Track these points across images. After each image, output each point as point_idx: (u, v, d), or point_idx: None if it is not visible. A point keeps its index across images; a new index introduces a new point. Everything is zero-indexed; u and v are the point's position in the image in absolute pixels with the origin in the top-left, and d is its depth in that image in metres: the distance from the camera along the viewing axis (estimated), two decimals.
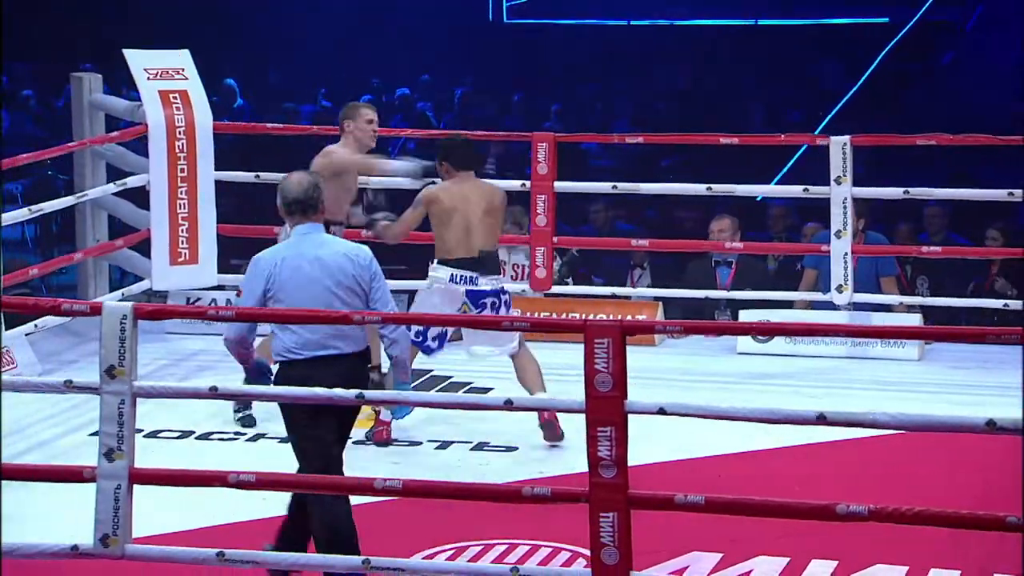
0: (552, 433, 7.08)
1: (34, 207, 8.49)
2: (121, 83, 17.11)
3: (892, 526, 4.91)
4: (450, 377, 8.35)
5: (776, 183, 13.39)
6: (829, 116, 16.57)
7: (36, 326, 8.15)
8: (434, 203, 7.27)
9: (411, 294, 8.17)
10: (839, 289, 8.31)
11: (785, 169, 15.06)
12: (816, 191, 8.54)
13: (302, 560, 5.37)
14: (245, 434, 7.40)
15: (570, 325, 5.64)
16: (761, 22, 20.34)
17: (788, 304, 8.89)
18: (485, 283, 7.23)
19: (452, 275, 7.21)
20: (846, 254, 8.33)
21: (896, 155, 11.76)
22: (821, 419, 4.90)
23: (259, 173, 9.06)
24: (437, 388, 8.17)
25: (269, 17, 18.40)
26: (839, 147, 8.34)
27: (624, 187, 9.10)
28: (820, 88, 17.28)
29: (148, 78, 8.80)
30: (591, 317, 7.46)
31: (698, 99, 16.88)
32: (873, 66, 17.65)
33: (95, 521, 5.32)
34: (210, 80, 10.17)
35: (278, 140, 10.21)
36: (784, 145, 13.77)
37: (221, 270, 9.01)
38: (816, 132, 15.40)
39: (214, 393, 5.36)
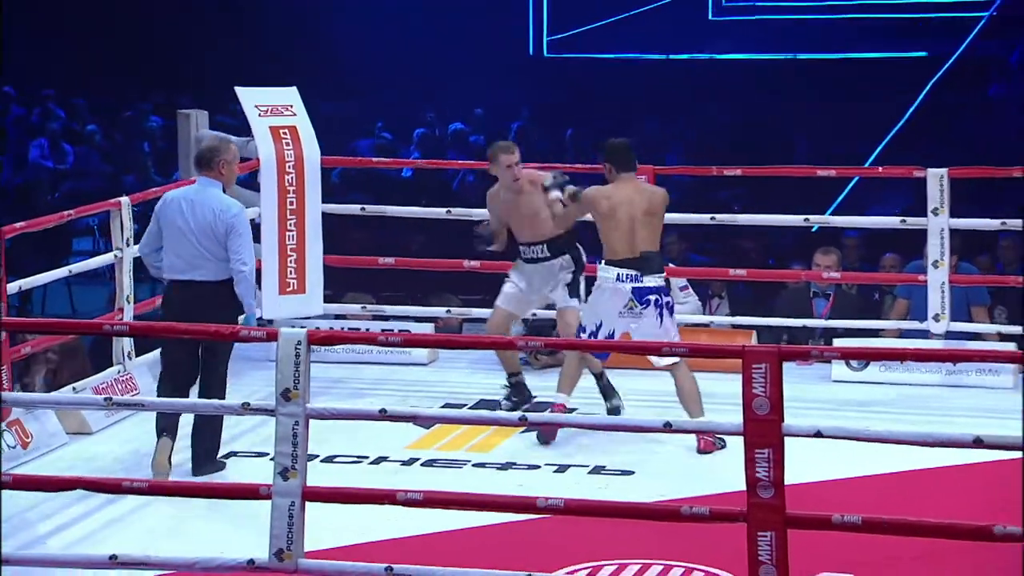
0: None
1: None
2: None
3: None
4: (535, 397, 8.54)
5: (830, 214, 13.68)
6: (880, 147, 16.85)
7: None
8: (594, 204, 7.74)
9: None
10: (936, 318, 8.54)
11: (838, 201, 15.34)
12: (913, 222, 8.75)
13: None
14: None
15: (728, 350, 5.87)
16: (800, 56, 20.66)
17: (877, 333, 9.11)
18: (649, 280, 7.66)
19: (618, 275, 7.65)
20: (943, 284, 8.55)
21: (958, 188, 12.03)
22: (978, 442, 5.13)
23: (364, 206, 9.33)
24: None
25: (317, 48, 18.71)
26: (936, 179, 8.55)
27: (722, 218, 9.35)
28: (861, 121, 17.49)
29: (259, 115, 9.02)
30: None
31: (745, 132, 17.11)
32: (919, 99, 17.93)
33: (270, 536, 5.57)
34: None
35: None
36: (836, 179, 14.07)
37: (331, 300, 9.29)
38: (867, 164, 15.76)
39: (384, 415, 5.61)
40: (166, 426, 7.22)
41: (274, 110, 9.11)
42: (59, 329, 7.64)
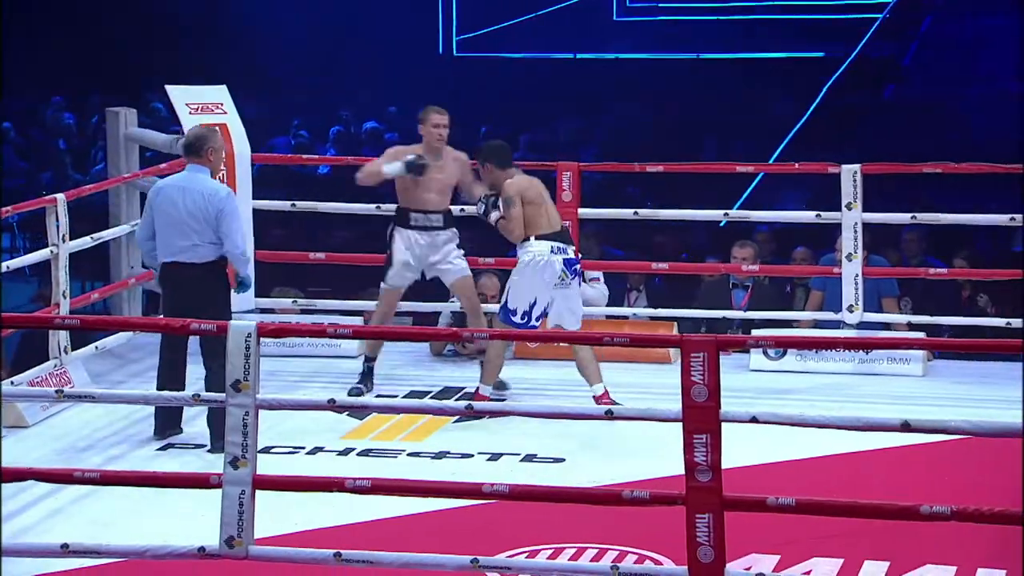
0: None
1: (95, 235, 8.78)
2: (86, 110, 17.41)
3: (940, 527, 5.25)
4: (464, 387, 8.65)
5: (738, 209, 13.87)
6: (781, 146, 17.08)
7: (97, 348, 8.40)
8: (523, 195, 8.21)
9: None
10: (850, 309, 8.70)
11: (744, 196, 15.53)
12: (828, 216, 8.90)
13: (414, 560, 5.65)
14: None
15: (666, 340, 5.98)
16: (703, 56, 20.88)
17: (791, 324, 9.28)
18: (570, 252, 8.18)
19: (552, 247, 8.11)
20: (857, 276, 8.72)
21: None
22: (905, 426, 5.27)
23: (295, 202, 9.36)
24: (455, 397, 8.50)
25: (231, 47, 18.63)
26: (850, 175, 8.72)
27: (645, 213, 9.46)
28: (765, 120, 17.70)
29: (190, 112, 9.05)
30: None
31: (654, 131, 17.24)
32: (818, 100, 18.20)
33: (221, 524, 5.59)
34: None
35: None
36: (741, 175, 14.26)
37: (259, 294, 9.29)
38: (771, 161, 15.96)
39: (332, 405, 5.65)
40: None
41: (204, 108, 9.14)
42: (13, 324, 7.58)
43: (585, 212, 9.21)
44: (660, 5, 23.52)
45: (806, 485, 6.72)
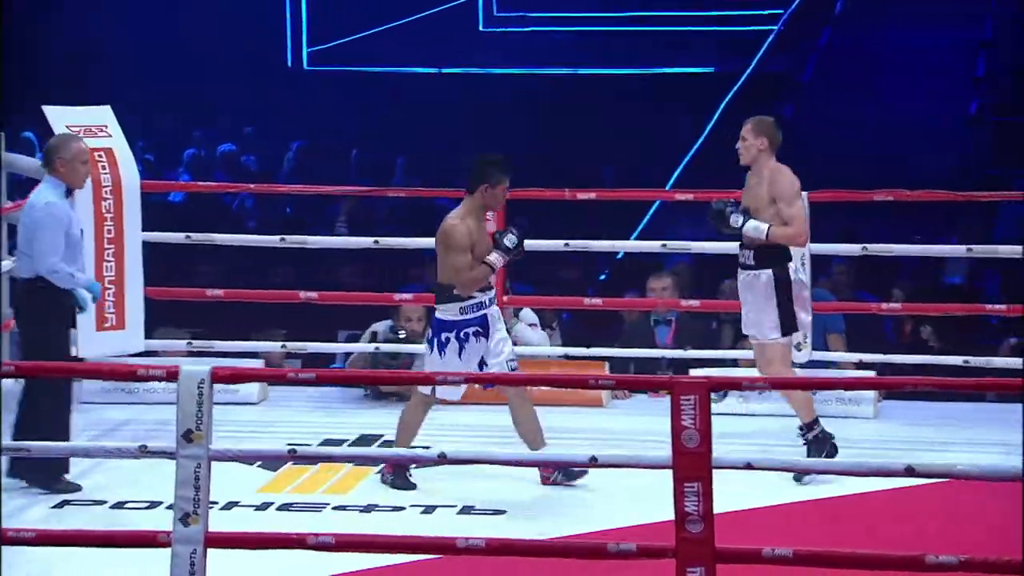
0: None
1: None
2: None
3: None
4: (382, 435, 8.74)
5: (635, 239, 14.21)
6: (679, 169, 17.48)
7: None
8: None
9: None
10: (798, 347, 9.00)
11: (641, 226, 15.87)
12: None
13: None
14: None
15: (657, 382, 6.20)
16: (581, 71, 21.22)
17: (734, 363, 9.58)
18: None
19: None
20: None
21: None
22: (910, 471, 5.56)
23: (190, 234, 9.46)
24: (376, 444, 8.62)
25: (67, 62, 18.55)
26: None
27: (576, 244, 9.68)
28: (663, 139, 18.04)
29: None
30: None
31: (538, 149, 17.45)
32: (715, 118, 18.63)
33: None
34: (10, 134, 10.52)
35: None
36: (639, 201, 14.60)
37: (149, 335, 9.37)
38: (668, 187, 16.32)
39: (293, 455, 5.80)
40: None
41: (87, 131, 9.12)
42: None
43: None
44: (529, 15, 23.75)
45: (788, 533, 6.97)
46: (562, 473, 7.77)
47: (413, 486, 7.96)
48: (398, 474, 7.94)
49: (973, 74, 19.82)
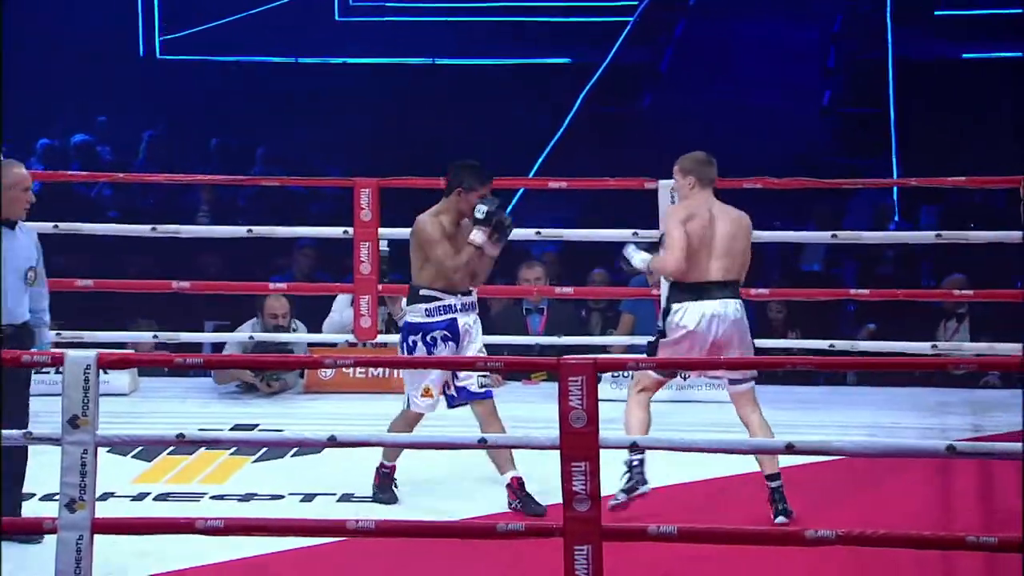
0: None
1: None
2: None
3: (853, 550, 5.74)
4: (257, 424, 8.87)
5: None
6: (540, 160, 17.65)
7: None
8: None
9: None
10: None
11: (507, 211, 15.97)
12: (646, 235, 9.34)
13: None
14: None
15: (544, 364, 6.33)
16: (440, 61, 21.34)
17: (604, 349, 9.75)
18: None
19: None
20: None
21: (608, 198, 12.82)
22: (790, 448, 5.75)
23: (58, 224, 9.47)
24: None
25: None
26: (667, 191, 9.18)
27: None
28: (520, 131, 18.20)
29: None
30: None
31: (398, 140, 17.55)
32: (575, 109, 18.84)
33: (56, 573, 5.74)
34: None
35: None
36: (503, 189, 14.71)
37: None
38: (531, 175, 16.50)
39: (181, 440, 5.86)
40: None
41: None
42: None
43: (388, 231, 9.44)
44: (388, 4, 23.80)
45: (674, 511, 7.13)
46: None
47: (395, 500, 7.76)
48: (382, 486, 7.80)
49: (825, 65, 20.21)
